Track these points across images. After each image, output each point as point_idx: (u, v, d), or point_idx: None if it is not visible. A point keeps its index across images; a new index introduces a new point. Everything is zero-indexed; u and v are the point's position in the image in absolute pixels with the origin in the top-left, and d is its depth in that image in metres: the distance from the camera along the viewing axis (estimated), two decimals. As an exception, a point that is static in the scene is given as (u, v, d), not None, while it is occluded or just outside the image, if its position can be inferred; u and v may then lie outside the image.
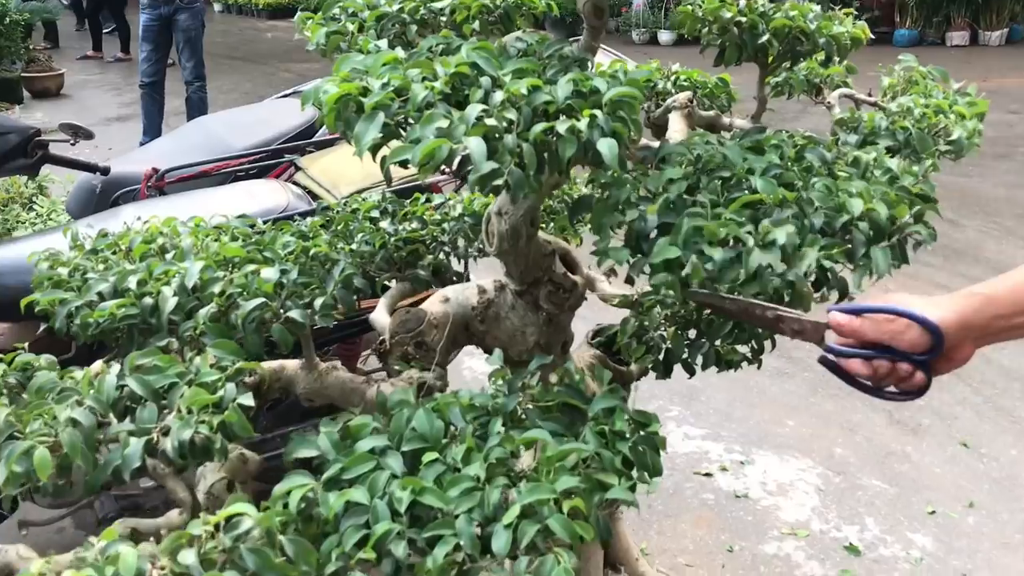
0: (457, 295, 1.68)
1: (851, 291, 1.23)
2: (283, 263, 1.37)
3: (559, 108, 1.18)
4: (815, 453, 3.24)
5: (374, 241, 1.79)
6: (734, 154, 1.35)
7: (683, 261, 1.19)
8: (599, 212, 1.32)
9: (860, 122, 1.58)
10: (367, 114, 1.15)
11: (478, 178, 1.09)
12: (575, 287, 1.65)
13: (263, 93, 9.67)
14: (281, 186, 2.77)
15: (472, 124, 1.12)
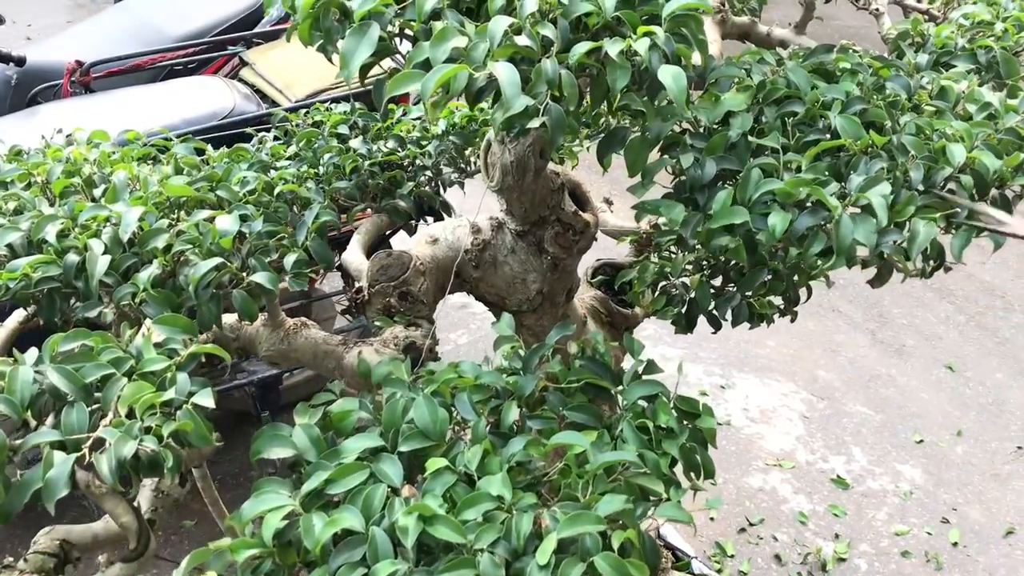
0: (446, 235, 1.42)
1: (948, 261, 1.01)
2: (242, 206, 1.10)
3: (605, 22, 0.92)
4: (798, 376, 3.10)
5: (344, 164, 1.51)
6: (801, 79, 1.10)
7: (752, 228, 0.96)
8: (636, 150, 1.06)
9: (928, 38, 1.33)
10: (357, 25, 0.87)
11: (507, 119, 0.83)
12: (587, 227, 1.40)
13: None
14: (226, 84, 2.43)
15: (498, 44, 0.85)
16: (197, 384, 0.91)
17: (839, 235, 0.91)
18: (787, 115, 1.05)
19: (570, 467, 0.96)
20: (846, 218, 0.91)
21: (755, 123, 1.07)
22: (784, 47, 1.51)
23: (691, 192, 1.04)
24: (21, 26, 5.83)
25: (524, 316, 1.48)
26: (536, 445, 0.95)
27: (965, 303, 3.50)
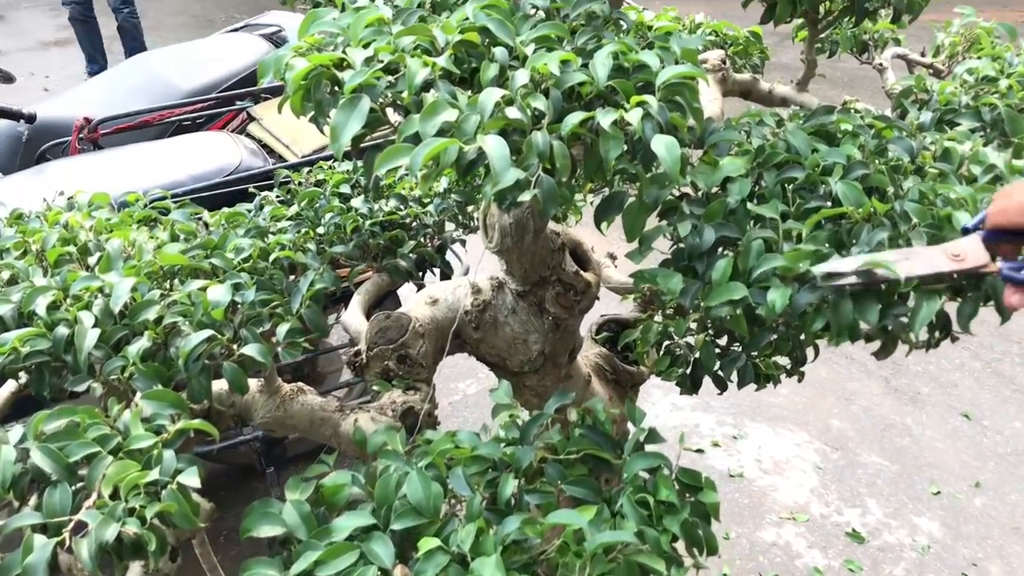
0: (446, 295, 1.41)
1: (955, 331, 0.98)
2: (235, 274, 1.09)
3: (598, 91, 0.91)
4: (811, 425, 3.06)
5: (345, 224, 1.51)
6: (801, 143, 1.09)
7: (753, 303, 0.94)
8: (634, 215, 1.05)
9: (932, 95, 1.32)
10: (347, 98, 0.87)
11: (499, 192, 0.82)
12: (588, 288, 1.38)
13: (214, 17, 9.13)
14: (232, 140, 2.44)
15: (489, 116, 0.84)
16: (184, 462, 0.89)
17: (842, 313, 0.89)
18: (787, 180, 1.03)
19: (568, 545, 0.93)
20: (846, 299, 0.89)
21: (755, 188, 1.05)
22: (786, 104, 1.51)
23: (689, 260, 1.02)
24: (39, 78, 5.92)
25: (526, 377, 1.46)
26: (532, 524, 0.92)
27: (980, 349, 3.45)
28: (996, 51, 1.50)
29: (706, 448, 2.96)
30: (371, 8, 0.98)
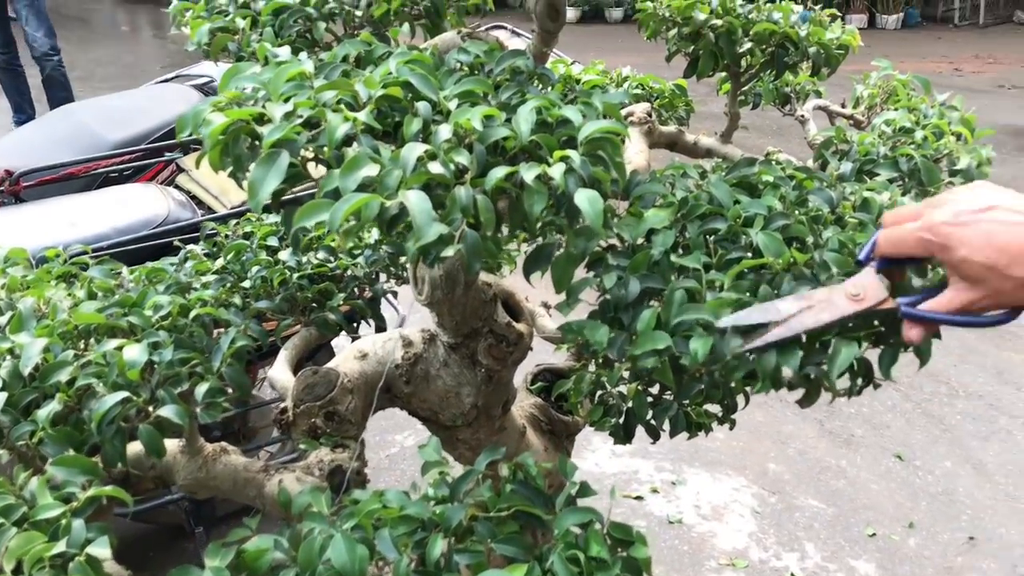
0: (376, 349, 1.39)
1: (877, 377, 0.99)
2: (154, 333, 1.06)
3: (522, 146, 0.91)
4: (748, 470, 3.07)
5: (271, 278, 1.48)
6: (723, 194, 1.10)
7: (676, 352, 0.94)
8: (562, 267, 1.04)
9: (852, 145, 1.35)
10: (266, 153, 0.85)
11: (422, 247, 0.81)
12: (521, 339, 1.38)
13: (147, 68, 9.04)
14: (160, 191, 2.40)
15: (411, 171, 0.84)
16: (95, 531, 0.85)
17: (763, 361, 0.89)
18: (710, 232, 1.04)
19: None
20: (771, 340, 0.90)
21: (678, 239, 1.06)
22: (711, 156, 1.53)
23: (615, 311, 1.02)
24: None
25: (459, 431, 1.44)
26: (460, 587, 0.90)
27: (911, 390, 3.52)
28: (912, 103, 1.55)
29: (645, 495, 2.95)
30: (293, 63, 0.97)
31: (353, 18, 1.30)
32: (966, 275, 0.85)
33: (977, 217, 0.84)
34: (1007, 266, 0.82)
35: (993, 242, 0.82)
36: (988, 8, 11.87)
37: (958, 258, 0.84)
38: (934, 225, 0.86)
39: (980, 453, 3.17)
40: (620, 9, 11.72)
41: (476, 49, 1.05)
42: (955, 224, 0.85)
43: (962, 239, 0.84)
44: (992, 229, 0.83)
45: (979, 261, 0.83)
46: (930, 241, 0.87)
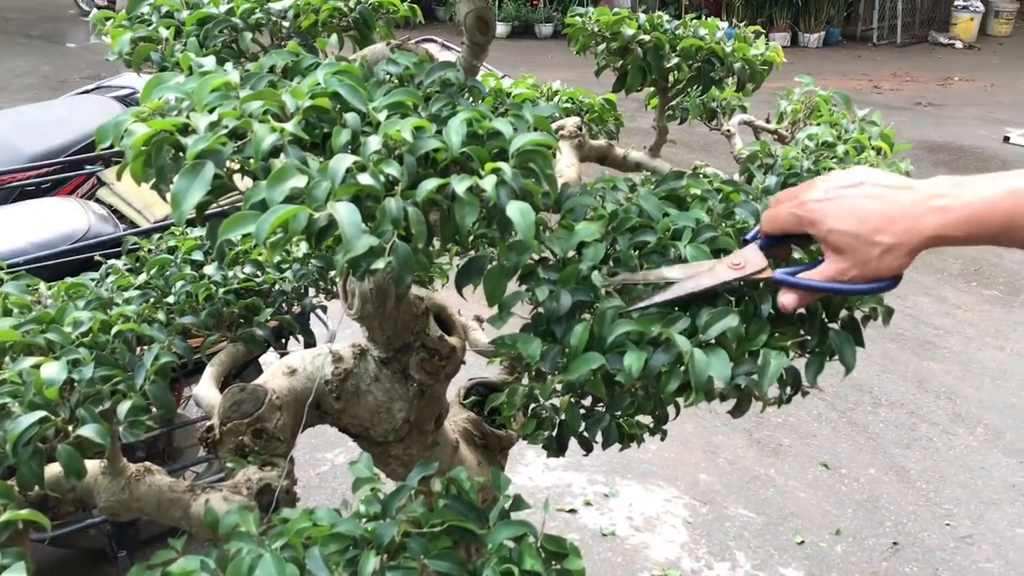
0: (305, 365, 1.36)
1: (805, 385, 1.01)
2: (73, 350, 1.02)
3: (453, 158, 0.90)
4: (680, 480, 3.11)
5: (197, 293, 1.45)
6: (652, 207, 1.11)
7: (610, 370, 0.95)
8: (495, 280, 1.04)
9: (776, 159, 1.38)
10: (190, 164, 0.83)
11: (351, 259, 0.80)
12: (453, 353, 1.37)
13: (66, 78, 8.80)
14: (81, 205, 2.33)
15: (340, 183, 0.82)
16: (11, 556, 0.82)
17: (695, 372, 0.90)
18: (640, 244, 1.05)
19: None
20: (700, 355, 0.91)
21: (609, 252, 1.07)
22: (640, 169, 1.55)
23: (548, 324, 1.02)
24: None
25: (391, 446, 1.42)
26: (392, 604, 0.88)
27: (836, 400, 3.60)
28: (833, 118, 1.59)
29: (578, 507, 2.96)
30: (218, 72, 0.95)
31: (280, 29, 1.28)
32: (834, 245, 0.89)
33: (845, 192, 0.89)
34: (870, 233, 0.87)
35: (856, 213, 0.87)
36: (905, 28, 12.30)
37: (825, 229, 0.89)
38: (805, 202, 0.92)
39: (903, 460, 3.26)
40: (550, 25, 11.83)
41: (405, 61, 1.04)
42: (824, 200, 0.90)
43: (828, 212, 0.89)
44: (857, 202, 0.88)
45: (844, 230, 0.88)
46: (801, 217, 0.92)
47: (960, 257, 5.07)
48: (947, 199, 0.85)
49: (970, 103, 9.03)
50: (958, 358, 4.00)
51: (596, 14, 1.41)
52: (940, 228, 0.85)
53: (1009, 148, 7.36)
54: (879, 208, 0.87)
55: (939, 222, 0.85)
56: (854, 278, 0.90)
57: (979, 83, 10.00)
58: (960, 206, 0.84)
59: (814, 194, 0.92)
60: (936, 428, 3.46)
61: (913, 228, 0.86)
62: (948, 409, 3.60)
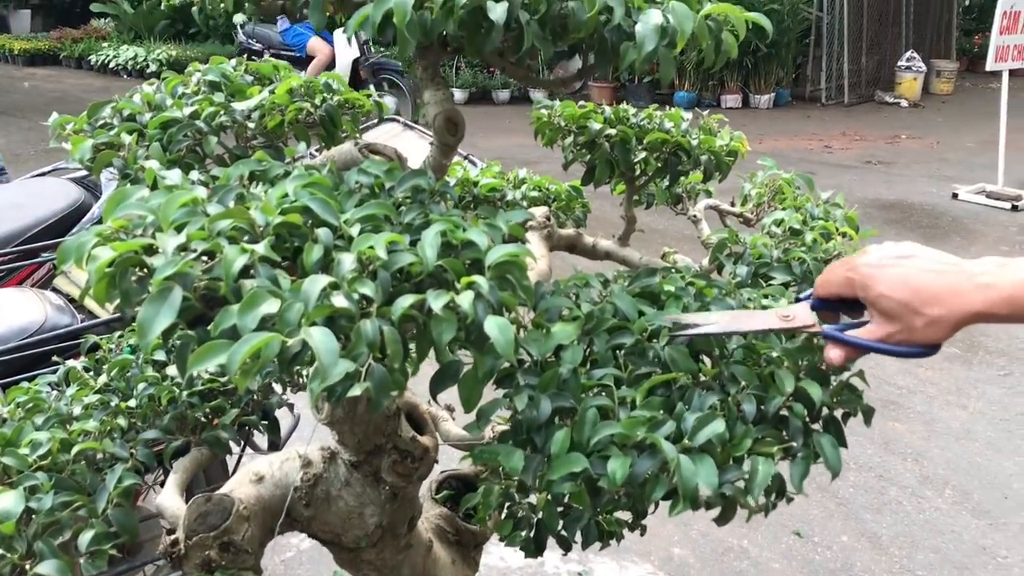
0: (273, 471, 1.32)
1: (790, 491, 1.00)
2: (31, 475, 0.98)
3: (428, 272, 0.89)
4: (653, 555, 3.06)
5: (160, 396, 1.40)
6: (627, 306, 1.10)
7: (593, 475, 0.92)
8: (470, 386, 1.01)
9: (745, 248, 1.38)
10: (157, 290, 0.80)
11: (327, 388, 0.77)
12: (426, 453, 1.34)
13: (19, 151, 8.70)
14: (37, 296, 2.27)
15: (314, 305, 0.80)
16: None
17: (683, 480, 0.88)
18: (617, 346, 1.04)
19: None
20: (686, 461, 0.89)
21: (587, 354, 1.05)
22: (610, 258, 1.54)
23: (528, 432, 1.00)
24: None
25: (364, 552, 1.38)
26: None
27: (804, 465, 3.59)
28: (798, 201, 1.61)
29: (551, 590, 2.90)
30: (184, 188, 0.93)
31: (245, 130, 1.26)
32: (883, 310, 0.95)
33: (898, 261, 0.95)
34: (920, 305, 0.92)
35: (909, 283, 0.93)
36: (852, 88, 12.64)
37: (876, 294, 0.95)
38: (858, 266, 0.97)
39: (874, 526, 3.25)
40: (507, 91, 11.98)
41: (376, 169, 1.03)
42: (877, 266, 0.96)
43: (881, 278, 0.94)
44: (909, 272, 0.94)
45: (895, 297, 0.93)
46: (854, 280, 0.97)
47: (918, 315, 5.14)
48: (992, 277, 0.91)
49: (918, 161, 9.26)
50: (922, 418, 4.03)
51: (561, 108, 1.42)
52: (985, 305, 0.90)
53: (958, 205, 7.54)
54: (930, 281, 0.92)
55: (984, 299, 0.90)
56: (900, 342, 0.95)
57: (925, 141, 10.27)
58: (1005, 285, 0.90)
59: (868, 259, 0.97)
60: (905, 491, 3.47)
61: (960, 304, 0.91)
62: (916, 471, 3.61)
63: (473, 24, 0.99)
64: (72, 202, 3.07)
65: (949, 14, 14.58)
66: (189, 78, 1.38)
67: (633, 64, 1.00)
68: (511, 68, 1.10)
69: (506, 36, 1.00)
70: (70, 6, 17.53)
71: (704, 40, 1.03)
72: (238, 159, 1.24)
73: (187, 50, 14.05)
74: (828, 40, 12.33)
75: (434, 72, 1.18)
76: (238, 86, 1.36)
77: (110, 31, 15.73)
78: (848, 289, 0.98)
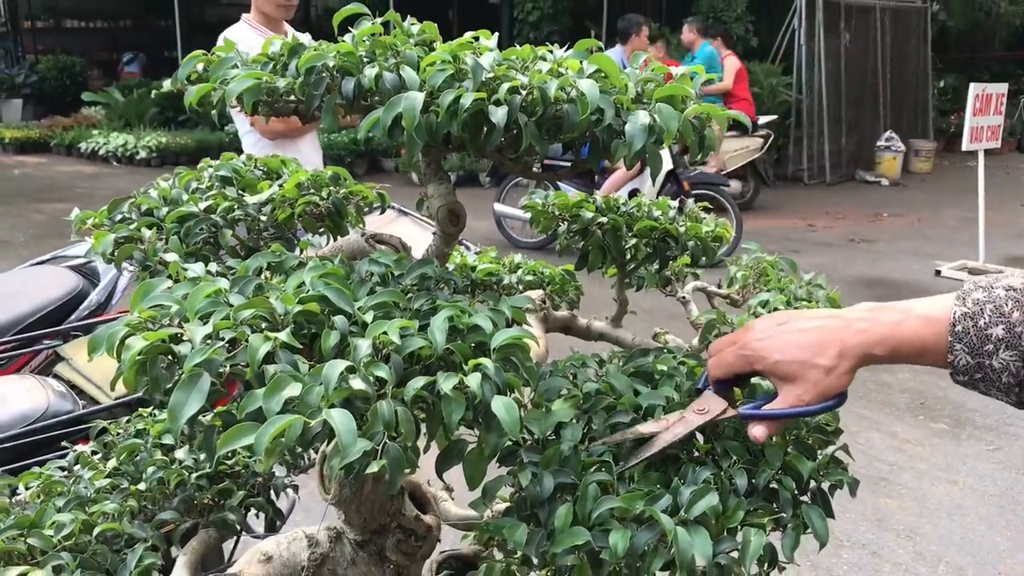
0: (280, 551, 1.35)
1: (782, 561, 1.05)
2: (57, 555, 1.01)
3: (437, 355, 0.95)
4: (650, 636, 3.05)
5: (169, 479, 1.44)
6: (623, 385, 1.16)
7: (595, 547, 0.97)
8: (475, 463, 1.07)
9: (733, 328, 1.45)
10: (187, 376, 0.86)
11: (347, 465, 0.82)
12: (429, 532, 1.37)
13: (9, 239, 8.78)
14: (39, 383, 2.31)
15: (333, 388, 0.86)
16: None
17: (680, 552, 0.93)
18: (615, 425, 1.09)
19: None
20: (683, 533, 0.94)
21: (586, 431, 1.11)
22: (604, 339, 1.61)
23: (531, 508, 1.05)
24: None
25: (367, 630, 1.40)
26: None
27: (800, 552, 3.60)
28: (782, 283, 1.68)
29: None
30: (207, 280, 0.99)
31: (258, 223, 1.33)
32: (783, 374, 1.02)
33: (780, 328, 1.03)
34: (812, 358, 1.00)
35: (797, 343, 1.01)
36: (833, 168, 12.94)
37: (772, 362, 1.02)
38: (748, 343, 1.05)
39: (869, 602, 3.25)
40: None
41: (386, 259, 1.10)
42: (764, 338, 1.03)
43: (772, 347, 1.02)
44: (792, 336, 1.02)
45: (790, 359, 1.01)
46: (748, 356, 1.04)
47: (906, 391, 5.20)
48: (867, 322, 1.00)
49: (900, 238, 9.44)
50: (913, 494, 4.05)
51: (554, 197, 1.50)
52: (864, 348, 0.99)
53: (942, 281, 7.67)
54: (815, 336, 1.00)
55: (863, 342, 0.99)
56: (810, 400, 1.01)
57: (907, 218, 10.48)
58: (880, 328, 0.99)
59: (754, 335, 1.05)
60: (899, 568, 3.48)
61: (844, 350, 0.99)
62: (909, 548, 3.62)
63: (476, 125, 1.07)
64: (70, 290, 3.13)
65: (925, 95, 15.03)
66: (202, 173, 1.46)
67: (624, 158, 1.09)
68: (509, 163, 1.18)
69: (506, 136, 1.08)
70: (60, 95, 17.85)
71: (689, 136, 1.12)
72: (251, 250, 1.32)
73: (176, 137, 14.24)
74: (809, 121, 12.66)
75: (436, 167, 1.26)
76: (249, 180, 1.44)
77: (100, 119, 15.96)
78: (744, 366, 1.05)
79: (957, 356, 0.97)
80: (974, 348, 0.96)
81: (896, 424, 4.78)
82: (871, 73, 13.62)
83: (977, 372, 0.97)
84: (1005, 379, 0.96)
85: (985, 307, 0.96)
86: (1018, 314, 0.95)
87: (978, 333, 0.96)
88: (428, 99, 1.05)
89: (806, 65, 12.50)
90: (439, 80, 1.05)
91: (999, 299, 0.96)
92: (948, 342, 0.97)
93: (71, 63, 18.47)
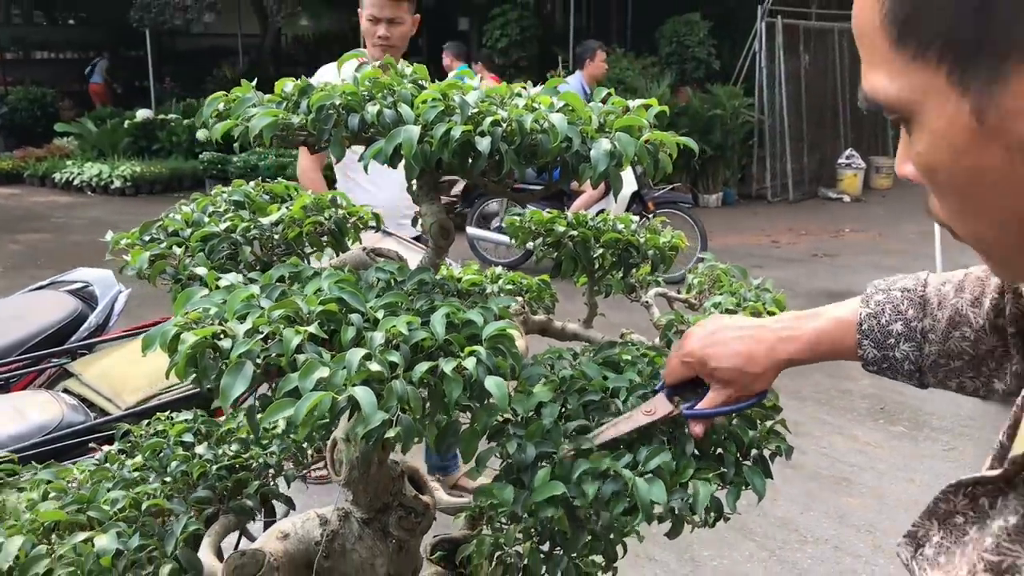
0: (296, 529, 1.54)
1: (726, 511, 1.24)
2: (115, 524, 1.19)
3: (438, 345, 1.14)
4: (627, 628, 3.23)
5: (192, 471, 1.62)
6: (593, 372, 1.36)
7: (569, 496, 1.17)
8: (468, 440, 1.26)
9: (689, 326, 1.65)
10: (233, 364, 1.05)
11: (368, 431, 1.01)
12: (427, 509, 1.56)
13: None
14: (52, 397, 2.48)
15: (355, 371, 1.05)
16: None
17: (639, 496, 1.12)
18: (587, 404, 1.29)
19: None
20: (641, 482, 1.14)
21: (562, 410, 1.30)
22: (578, 339, 1.81)
23: (517, 473, 1.24)
24: None
25: (372, 599, 1.59)
26: None
27: (765, 540, 3.81)
28: (734, 288, 1.89)
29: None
30: (240, 287, 1.18)
31: (271, 240, 1.52)
32: (720, 378, 1.18)
33: (714, 338, 1.19)
34: (744, 366, 1.16)
35: (731, 351, 1.16)
36: (796, 186, 13.28)
37: (711, 368, 1.18)
38: (690, 352, 1.21)
39: (832, 593, 3.46)
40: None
41: (390, 268, 1.29)
42: (701, 347, 1.19)
43: (711, 355, 1.17)
44: (728, 345, 1.17)
45: (727, 367, 1.17)
46: (690, 363, 1.21)
47: (867, 397, 5.44)
48: (791, 331, 1.17)
49: (862, 252, 9.74)
50: (873, 492, 4.27)
51: (531, 215, 1.70)
52: (789, 355, 1.16)
53: (899, 292, 7.94)
54: (745, 346, 1.16)
55: (788, 350, 1.16)
56: (738, 399, 1.20)
57: (868, 233, 10.80)
58: (802, 336, 1.17)
59: (692, 345, 1.20)
60: (859, 560, 3.69)
61: (772, 357, 1.16)
62: (869, 541, 3.84)
63: (464, 153, 1.27)
64: (70, 312, 3.28)
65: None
66: (216, 198, 1.65)
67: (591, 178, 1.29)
68: (492, 185, 1.38)
69: (490, 161, 1.28)
70: (32, 126, 17.83)
71: (644, 160, 1.32)
72: (266, 264, 1.51)
73: (151, 166, 14.31)
74: (771, 141, 13.01)
75: (428, 189, 1.46)
76: (259, 204, 1.63)
77: (73, 149, 15.99)
78: (690, 372, 1.21)
79: (865, 350, 1.18)
80: (879, 343, 1.17)
81: (857, 428, 5.02)
82: (831, 93, 14.02)
83: (884, 363, 1.18)
84: (907, 367, 1.17)
85: (885, 307, 1.17)
86: (912, 311, 1.16)
87: (881, 330, 1.17)
88: (423, 131, 1.25)
89: (767, 86, 12.87)
90: (432, 115, 1.26)
91: (896, 300, 1.17)
92: (857, 339, 1.18)
93: (42, 94, 18.48)
